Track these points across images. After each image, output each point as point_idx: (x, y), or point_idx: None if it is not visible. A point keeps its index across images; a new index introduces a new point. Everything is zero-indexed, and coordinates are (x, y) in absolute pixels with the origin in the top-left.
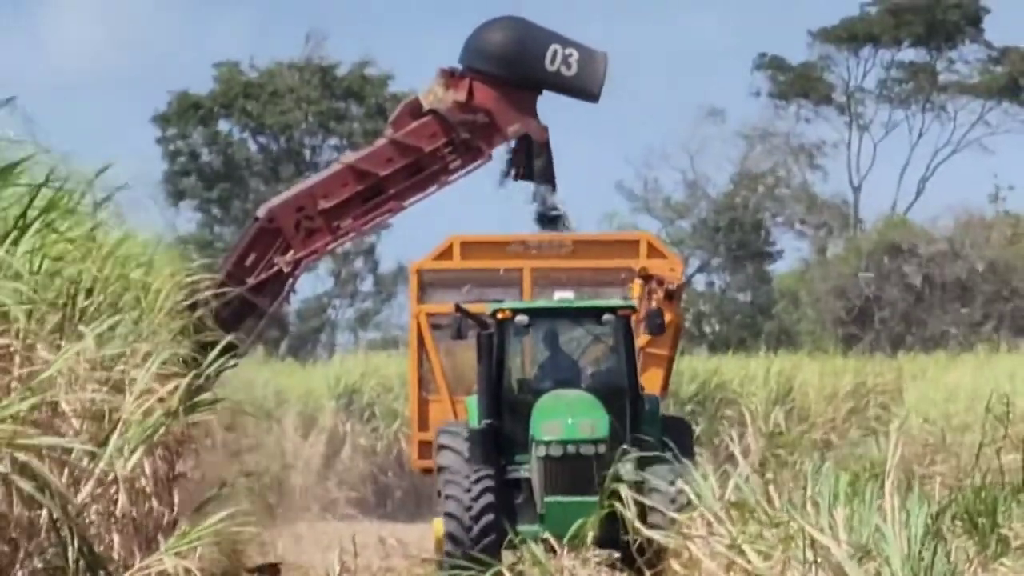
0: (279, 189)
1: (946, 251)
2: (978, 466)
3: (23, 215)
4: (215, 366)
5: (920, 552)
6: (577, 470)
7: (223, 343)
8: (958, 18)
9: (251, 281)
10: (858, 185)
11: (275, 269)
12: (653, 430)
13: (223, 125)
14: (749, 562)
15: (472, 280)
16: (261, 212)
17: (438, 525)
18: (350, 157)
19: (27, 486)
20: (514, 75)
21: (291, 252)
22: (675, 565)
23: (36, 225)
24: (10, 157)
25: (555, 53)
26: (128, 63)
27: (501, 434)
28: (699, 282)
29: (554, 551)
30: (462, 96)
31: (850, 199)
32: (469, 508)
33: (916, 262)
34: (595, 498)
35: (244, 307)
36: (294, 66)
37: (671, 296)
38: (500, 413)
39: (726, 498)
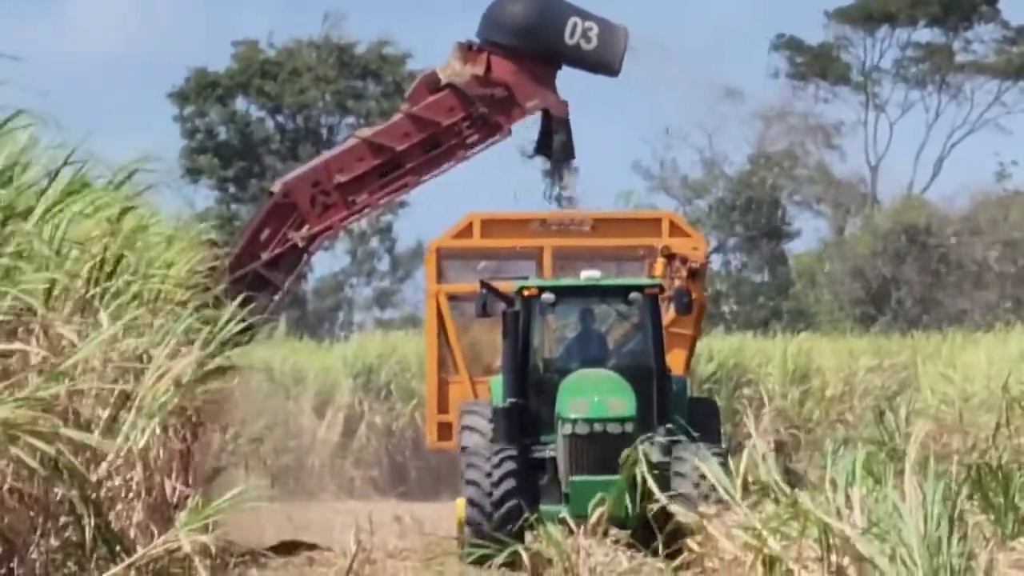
0: (296, 167)
1: (963, 231)
2: (995, 445)
3: (43, 193)
4: (227, 332)
5: (937, 532)
6: (603, 449)
7: (235, 315)
8: None
9: (265, 256)
10: (875, 165)
11: (290, 244)
12: (680, 411)
13: (241, 103)
14: (765, 543)
15: (492, 258)
16: (276, 187)
17: (461, 505)
18: (366, 131)
19: (43, 470)
20: (533, 48)
21: (306, 227)
22: (692, 544)
23: (58, 205)
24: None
25: (575, 26)
26: (147, 41)
27: (526, 413)
28: (716, 261)
29: (571, 531)
30: (480, 70)
31: (867, 179)
32: (491, 493)
33: (933, 242)
34: (621, 477)
35: (258, 282)
36: (312, 45)
37: (694, 275)
38: (525, 392)
39: (743, 478)
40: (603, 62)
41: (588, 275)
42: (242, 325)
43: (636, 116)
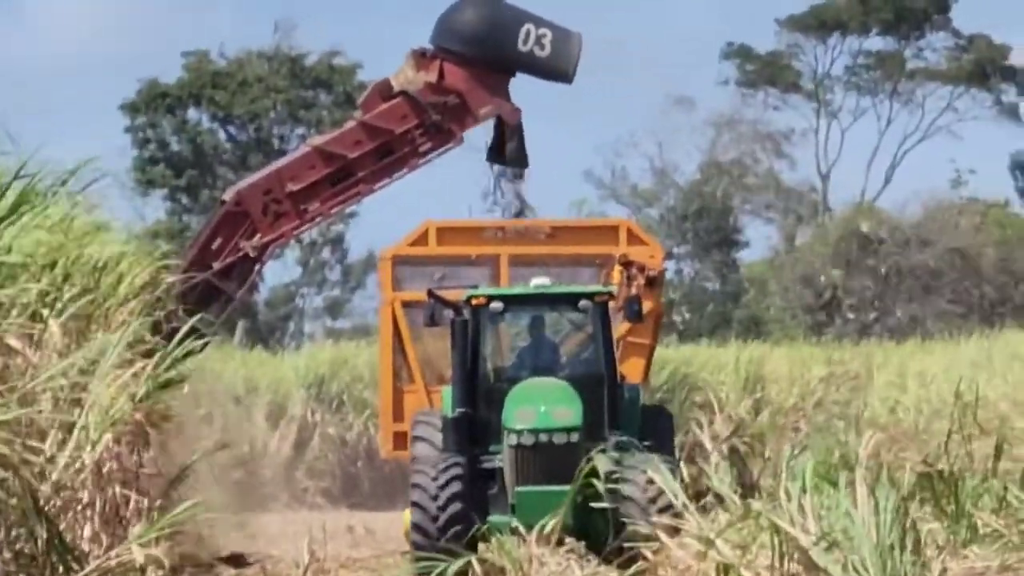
0: (248, 176)
1: (914, 238)
2: (947, 452)
3: None
4: (180, 349)
5: (889, 539)
6: (549, 459)
7: (187, 326)
8: (926, 5)
9: (217, 266)
10: (826, 173)
11: (241, 253)
12: (632, 419)
13: (192, 114)
14: (719, 552)
15: (448, 265)
16: (228, 195)
17: (407, 515)
18: (318, 139)
19: None
20: (486, 56)
21: (258, 236)
22: (647, 553)
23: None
24: None
25: (528, 33)
26: (99, 50)
27: (476, 423)
28: (668, 270)
29: (524, 540)
30: (433, 77)
31: (818, 187)
32: (436, 498)
33: (884, 250)
34: (567, 488)
35: (210, 292)
36: (263, 55)
37: (652, 283)
38: (475, 401)
39: (695, 488)
40: (557, 69)
41: (538, 282)
42: (194, 336)
43: (588, 125)
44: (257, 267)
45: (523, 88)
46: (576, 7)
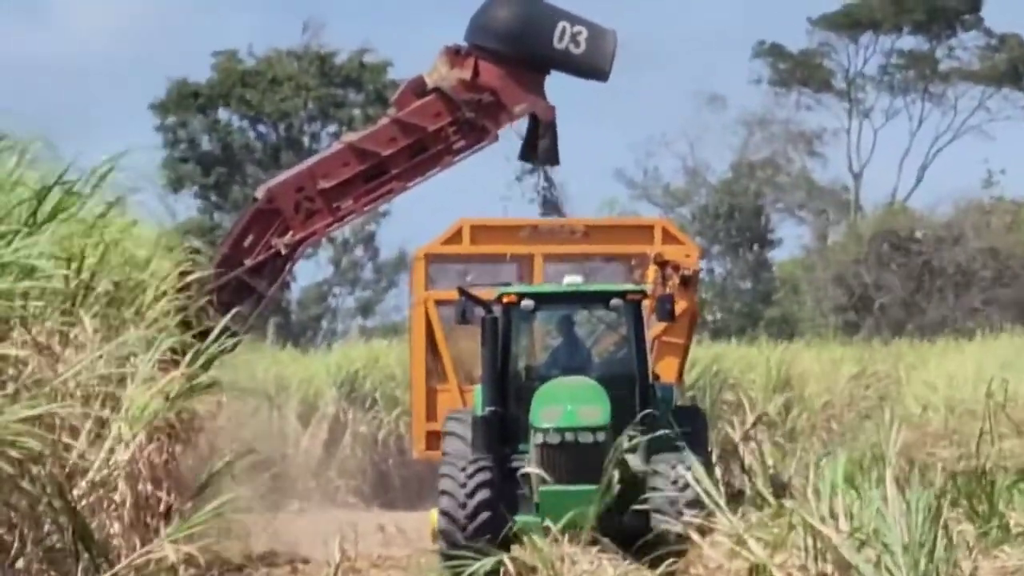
0: (279, 174)
1: (945, 238)
2: (979, 452)
3: (34, 215)
4: (213, 348)
5: (921, 539)
6: (575, 458)
7: (220, 326)
8: (958, 4)
9: (248, 263)
10: (858, 172)
11: (273, 251)
12: (665, 419)
13: (222, 114)
14: (751, 551)
15: (481, 264)
16: (260, 192)
17: (434, 515)
18: (352, 136)
19: (28, 486)
20: (521, 53)
21: (290, 234)
22: (678, 554)
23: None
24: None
25: (563, 30)
26: (126, 52)
27: (506, 422)
28: (702, 269)
29: (556, 539)
30: (467, 74)
31: (850, 186)
32: (464, 498)
33: (916, 249)
34: (594, 487)
35: (241, 290)
36: (292, 54)
37: (687, 282)
38: (505, 400)
39: (728, 487)
40: (592, 66)
41: (570, 280)
42: (227, 335)
43: (619, 123)
44: (288, 265)
45: (554, 87)
46: (604, 4)
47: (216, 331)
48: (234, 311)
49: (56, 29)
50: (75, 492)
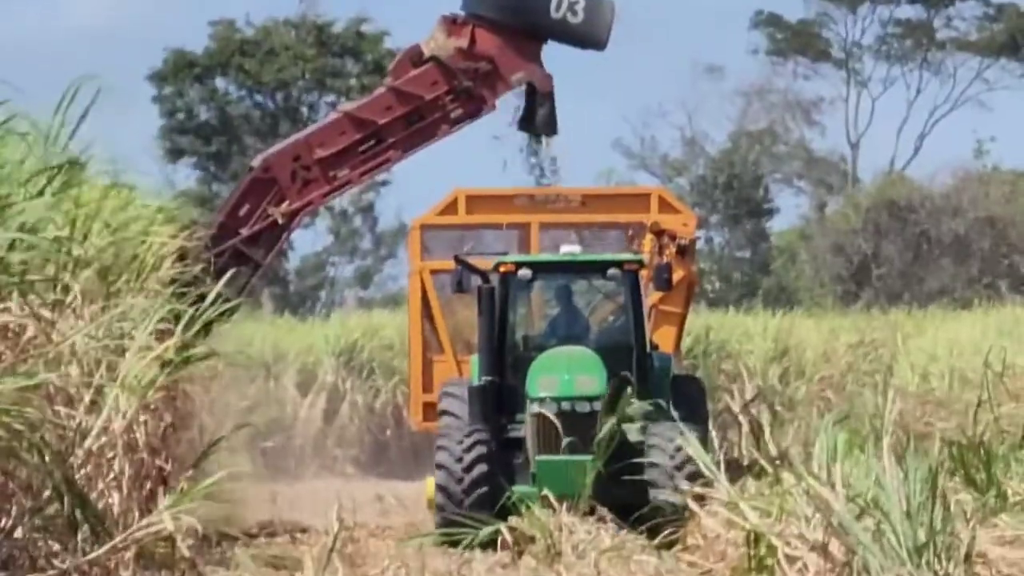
0: (277, 144)
1: (944, 207)
2: (977, 421)
3: (41, 193)
4: (210, 310)
5: (919, 507)
6: (571, 428)
7: (214, 291)
8: None
9: (245, 232)
10: (856, 142)
11: (270, 220)
12: (663, 389)
13: (219, 84)
14: (748, 520)
15: (477, 234)
16: (256, 162)
17: (430, 484)
18: (348, 106)
19: (25, 455)
20: (518, 22)
21: (286, 203)
22: (675, 524)
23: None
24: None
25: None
26: (123, 22)
27: (502, 391)
28: (699, 239)
29: (553, 509)
30: (464, 43)
31: (848, 156)
32: (461, 468)
33: (914, 219)
34: (588, 457)
35: (238, 259)
36: (289, 23)
37: (683, 251)
38: (502, 370)
39: (725, 456)
40: (590, 36)
41: (567, 250)
42: (222, 302)
43: (617, 94)
44: (285, 234)
45: (551, 57)
46: None
47: (211, 296)
48: (228, 274)
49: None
50: (73, 461)
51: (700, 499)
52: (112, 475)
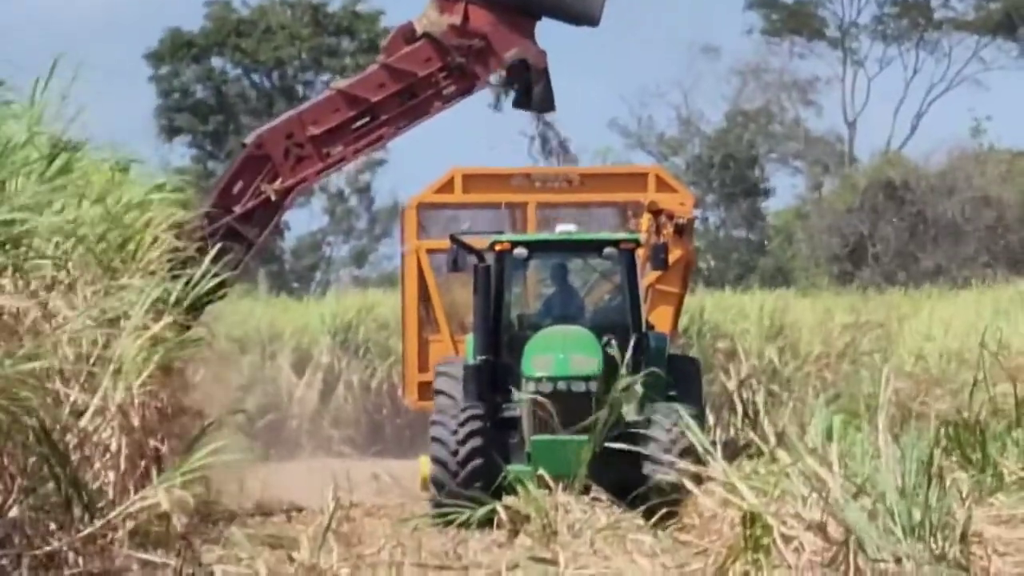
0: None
1: (940, 187)
2: (973, 401)
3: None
4: (204, 282)
5: (915, 487)
6: (566, 408)
7: (202, 268)
8: None
9: (238, 210)
10: (852, 121)
11: (263, 197)
12: (657, 368)
13: (216, 62)
14: (744, 499)
15: (474, 212)
16: (250, 139)
17: (424, 463)
18: (342, 83)
19: (20, 437)
20: None
21: (280, 180)
22: (671, 503)
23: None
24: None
25: None
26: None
27: (498, 370)
28: (697, 218)
29: (549, 488)
30: (457, 20)
31: (844, 136)
32: (455, 448)
33: (910, 198)
34: (584, 437)
35: (231, 236)
36: (285, 3)
37: (681, 231)
38: (497, 349)
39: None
40: (583, 12)
41: (563, 229)
42: (216, 280)
43: (613, 74)
44: (279, 212)
45: (547, 36)
46: None
47: (199, 274)
48: (215, 250)
49: None
50: (68, 441)
51: (696, 478)
52: (108, 455)
